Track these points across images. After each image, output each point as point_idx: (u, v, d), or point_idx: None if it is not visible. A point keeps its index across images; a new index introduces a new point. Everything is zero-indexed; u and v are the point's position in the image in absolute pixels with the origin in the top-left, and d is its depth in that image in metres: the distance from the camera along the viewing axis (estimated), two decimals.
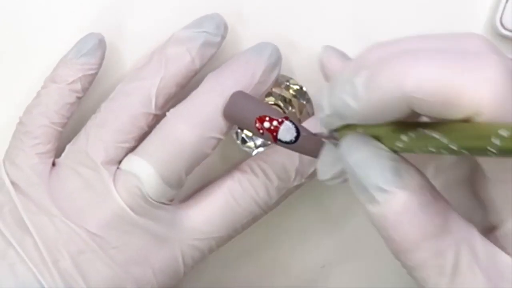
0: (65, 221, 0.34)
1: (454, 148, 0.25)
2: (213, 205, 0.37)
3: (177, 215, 0.36)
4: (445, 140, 0.25)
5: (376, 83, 0.26)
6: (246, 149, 0.40)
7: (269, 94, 0.39)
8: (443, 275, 0.27)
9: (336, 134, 0.30)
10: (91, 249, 0.34)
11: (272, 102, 0.39)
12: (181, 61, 0.36)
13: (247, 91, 0.36)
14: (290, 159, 0.37)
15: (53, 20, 0.38)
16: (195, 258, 0.37)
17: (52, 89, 0.36)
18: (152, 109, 0.36)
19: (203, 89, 0.36)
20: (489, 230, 0.29)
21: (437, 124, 0.26)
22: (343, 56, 0.34)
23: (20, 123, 0.36)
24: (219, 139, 0.36)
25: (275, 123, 0.34)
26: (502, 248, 0.28)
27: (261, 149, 0.40)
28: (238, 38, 0.39)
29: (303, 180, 0.38)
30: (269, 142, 0.35)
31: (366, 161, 0.28)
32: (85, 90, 0.36)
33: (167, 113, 0.36)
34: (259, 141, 0.39)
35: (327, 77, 0.34)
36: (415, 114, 0.26)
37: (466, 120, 0.25)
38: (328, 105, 0.29)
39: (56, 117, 0.36)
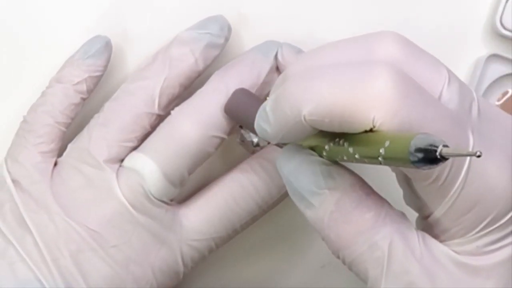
0: (65, 219, 0.34)
1: (358, 157, 0.26)
2: (213, 205, 0.37)
3: (177, 215, 0.36)
4: (351, 150, 0.26)
5: (279, 109, 0.28)
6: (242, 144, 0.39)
7: None
8: (379, 266, 0.28)
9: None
10: (91, 248, 0.34)
11: None
12: (185, 61, 0.36)
13: (252, 91, 0.36)
14: None
15: (59, 21, 0.38)
16: (194, 259, 0.37)
17: (58, 89, 0.36)
18: (155, 109, 0.36)
19: (208, 88, 0.36)
20: (425, 219, 0.30)
21: (347, 135, 0.27)
22: (299, 51, 0.36)
23: (24, 121, 0.36)
24: (222, 139, 0.36)
25: None
26: (435, 236, 0.29)
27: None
28: (240, 39, 0.39)
29: None
30: (267, 142, 0.35)
31: (299, 169, 0.29)
32: (90, 91, 0.37)
33: (172, 112, 0.36)
34: (255, 139, 0.39)
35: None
36: None
37: (368, 131, 0.26)
38: (256, 130, 0.31)
39: (60, 117, 0.36)
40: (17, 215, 0.35)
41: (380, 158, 0.25)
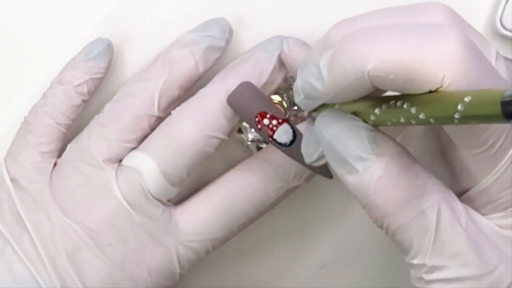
0: (63, 217, 0.34)
1: (423, 118, 0.26)
2: (209, 206, 0.37)
3: (173, 216, 0.36)
4: (413, 111, 0.26)
5: (338, 65, 0.27)
6: (239, 138, 0.39)
7: (276, 92, 0.39)
8: (426, 234, 0.28)
9: (315, 114, 0.31)
10: (87, 246, 0.34)
11: (277, 101, 0.39)
12: (185, 64, 0.36)
13: None
14: (289, 159, 0.37)
15: (61, 23, 0.38)
16: (190, 260, 0.37)
17: (59, 90, 0.36)
18: (155, 111, 0.36)
19: (209, 89, 0.36)
20: (460, 194, 0.30)
21: (407, 95, 0.26)
22: (304, 45, 0.35)
23: (25, 122, 0.37)
24: (222, 139, 0.36)
25: (274, 122, 0.34)
26: (475, 209, 0.29)
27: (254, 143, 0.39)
28: (241, 41, 0.39)
29: (301, 181, 0.38)
30: (264, 143, 0.35)
31: (343, 133, 0.29)
32: (91, 93, 0.37)
33: (172, 112, 0.36)
34: (251, 135, 0.39)
35: (289, 66, 0.35)
36: (381, 89, 0.27)
37: (430, 92, 0.26)
38: (300, 90, 0.30)
39: (61, 118, 0.36)
40: (15, 213, 0.35)
41: (456, 115, 0.24)
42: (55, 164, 0.36)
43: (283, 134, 0.34)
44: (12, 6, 0.38)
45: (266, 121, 0.34)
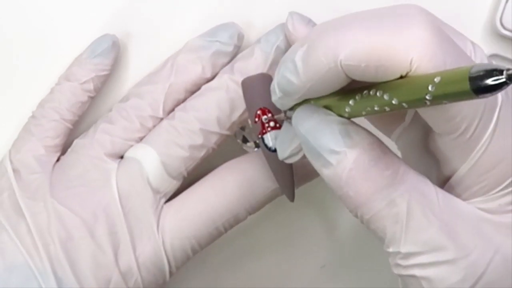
0: (59, 206, 0.35)
1: (396, 103, 0.26)
2: (191, 202, 0.36)
3: (163, 213, 0.36)
4: (386, 97, 0.26)
5: (312, 57, 0.28)
6: (246, 148, 0.40)
7: None
8: (398, 223, 0.28)
9: (291, 113, 0.31)
10: (81, 236, 0.34)
11: None
12: (192, 68, 0.36)
13: None
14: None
15: (70, 21, 0.38)
16: (177, 257, 0.36)
17: (66, 87, 0.37)
18: (160, 114, 0.36)
19: (212, 85, 0.36)
20: (444, 182, 0.30)
21: (379, 84, 0.27)
22: (309, 22, 0.36)
23: (33, 116, 0.37)
24: (221, 134, 0.36)
25: (272, 123, 0.35)
26: (457, 195, 0.30)
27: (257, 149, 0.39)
28: (248, 45, 0.38)
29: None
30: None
31: (316, 128, 0.29)
32: (97, 89, 0.37)
33: (176, 108, 0.36)
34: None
35: (292, 43, 0.35)
36: (355, 81, 0.28)
37: (401, 77, 0.26)
38: (277, 86, 0.30)
39: (67, 114, 0.36)
40: (14, 202, 0.35)
41: (427, 97, 0.25)
42: (58, 159, 0.37)
43: (273, 137, 0.35)
44: (20, 6, 0.38)
45: (265, 118, 0.35)
